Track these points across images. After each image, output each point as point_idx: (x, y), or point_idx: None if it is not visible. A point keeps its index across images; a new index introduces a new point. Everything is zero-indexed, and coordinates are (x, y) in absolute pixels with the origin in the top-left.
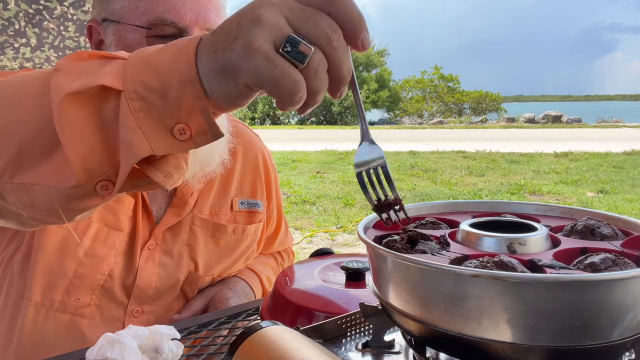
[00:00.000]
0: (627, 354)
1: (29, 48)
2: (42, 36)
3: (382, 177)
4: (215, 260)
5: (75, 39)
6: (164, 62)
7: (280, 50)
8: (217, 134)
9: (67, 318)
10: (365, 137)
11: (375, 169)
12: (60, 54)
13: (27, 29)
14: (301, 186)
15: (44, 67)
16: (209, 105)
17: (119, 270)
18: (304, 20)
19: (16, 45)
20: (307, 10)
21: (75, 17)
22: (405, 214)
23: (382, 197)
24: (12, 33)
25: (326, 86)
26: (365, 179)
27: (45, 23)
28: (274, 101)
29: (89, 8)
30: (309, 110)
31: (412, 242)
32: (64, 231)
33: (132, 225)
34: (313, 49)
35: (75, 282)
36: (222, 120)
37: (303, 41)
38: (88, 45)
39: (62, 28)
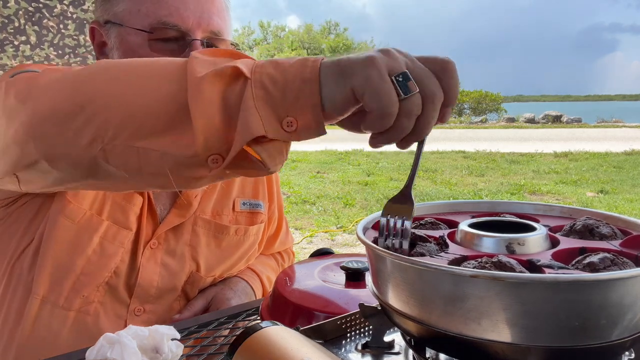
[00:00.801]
0: (627, 353)
1: (28, 46)
2: (42, 34)
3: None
4: (217, 260)
5: (74, 37)
6: (291, 64)
7: (392, 77)
8: (321, 132)
9: (72, 315)
10: (408, 188)
11: (402, 221)
12: (59, 52)
13: (26, 26)
14: (301, 186)
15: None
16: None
17: (123, 268)
18: (420, 72)
19: (16, 42)
20: (425, 69)
21: (75, 16)
22: None
23: (393, 246)
24: (12, 31)
25: (408, 131)
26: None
27: (45, 21)
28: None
29: (88, 7)
30: (380, 146)
31: (410, 244)
32: (75, 227)
33: (137, 224)
34: (418, 90)
35: (82, 278)
36: None
37: (413, 80)
38: (88, 43)
39: (61, 26)
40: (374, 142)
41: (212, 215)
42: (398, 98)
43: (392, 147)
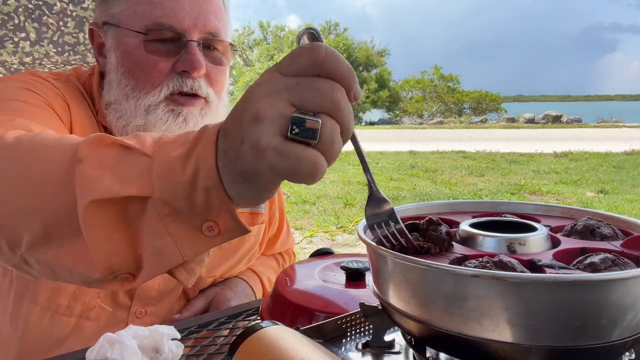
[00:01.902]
0: (627, 354)
1: (28, 42)
2: (42, 31)
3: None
4: (217, 261)
5: (74, 35)
6: (187, 169)
7: (288, 135)
8: (244, 231)
9: (73, 321)
10: (374, 191)
11: (387, 222)
12: (59, 49)
13: (26, 23)
14: (301, 186)
15: (43, 62)
16: (236, 205)
17: None
18: (304, 94)
19: (15, 39)
20: (302, 82)
21: (74, 14)
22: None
23: (394, 242)
24: (12, 27)
25: (341, 147)
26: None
27: (45, 18)
28: None
29: (88, 5)
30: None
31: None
32: None
33: None
34: (320, 120)
35: (82, 286)
36: None
37: (307, 117)
38: (87, 41)
39: (61, 24)
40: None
41: None
42: (311, 146)
43: (391, 148)
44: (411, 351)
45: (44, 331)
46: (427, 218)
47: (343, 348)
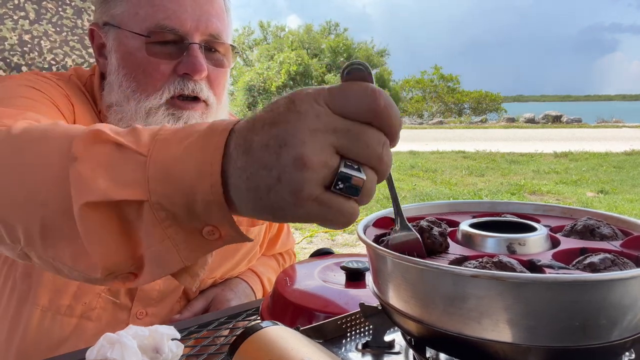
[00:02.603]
0: (627, 354)
1: (27, 21)
2: (41, 12)
3: None
4: (218, 262)
5: (72, 19)
6: (185, 176)
7: (332, 188)
8: (246, 239)
9: (74, 322)
10: (403, 224)
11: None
12: (57, 29)
13: (26, 5)
14: None
15: (42, 40)
16: (238, 216)
17: None
18: (352, 144)
19: (15, 17)
20: (353, 130)
21: (73, 3)
22: None
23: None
24: (12, 7)
25: (373, 195)
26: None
27: (44, 3)
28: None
29: None
30: None
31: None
32: None
33: None
34: (365, 177)
35: (83, 287)
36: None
37: (354, 174)
38: (85, 26)
39: (60, 9)
40: None
41: None
42: (352, 198)
43: (391, 147)
44: (411, 351)
45: (44, 331)
46: (418, 228)
47: (343, 348)
